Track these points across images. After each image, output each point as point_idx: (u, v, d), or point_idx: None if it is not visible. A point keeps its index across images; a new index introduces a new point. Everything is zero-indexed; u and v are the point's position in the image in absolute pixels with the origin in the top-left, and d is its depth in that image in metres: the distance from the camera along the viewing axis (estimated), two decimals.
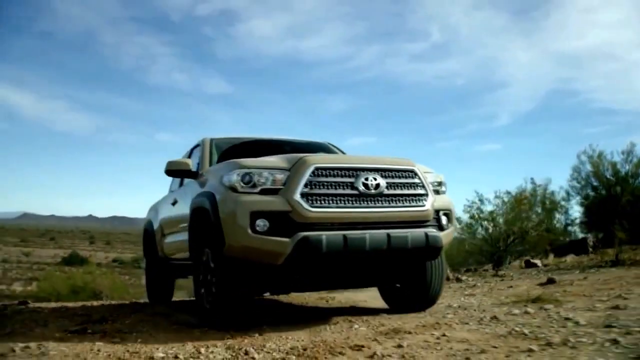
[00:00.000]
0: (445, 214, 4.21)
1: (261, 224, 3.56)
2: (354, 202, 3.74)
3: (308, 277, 4.09)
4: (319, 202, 3.65)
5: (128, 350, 3.23)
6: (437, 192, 4.24)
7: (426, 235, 3.89)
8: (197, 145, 5.73)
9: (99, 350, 3.23)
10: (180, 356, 3.09)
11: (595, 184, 14.24)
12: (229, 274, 3.78)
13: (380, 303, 5.10)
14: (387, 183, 3.87)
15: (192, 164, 5.08)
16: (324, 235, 3.57)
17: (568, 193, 14.16)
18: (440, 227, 4.13)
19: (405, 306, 4.63)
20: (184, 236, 4.86)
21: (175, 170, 5.01)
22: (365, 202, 3.78)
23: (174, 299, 7.20)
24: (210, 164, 5.06)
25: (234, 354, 3.11)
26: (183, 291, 10.91)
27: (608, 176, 13.98)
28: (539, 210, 13.11)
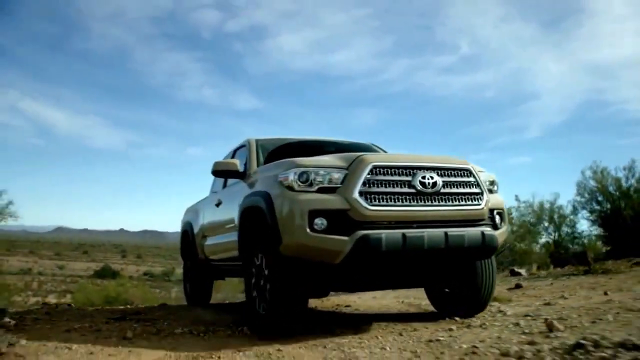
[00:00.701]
0: (498, 213, 4.21)
1: (319, 222, 3.55)
2: (412, 201, 3.74)
3: (367, 276, 4.08)
4: (377, 200, 3.64)
5: (156, 328, 4.39)
6: (490, 191, 4.21)
7: (482, 234, 3.87)
8: (241, 147, 5.70)
9: (135, 328, 4.38)
10: (194, 332, 4.20)
11: (599, 198, 14.86)
12: (286, 275, 3.77)
13: (401, 307, 5.54)
14: (443, 182, 3.86)
15: (239, 164, 5.05)
16: (384, 233, 3.55)
17: (575, 207, 14.78)
18: (495, 226, 4.12)
19: (453, 309, 4.59)
20: (229, 237, 4.91)
21: (222, 171, 5.02)
22: (423, 201, 3.77)
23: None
24: (258, 165, 5.07)
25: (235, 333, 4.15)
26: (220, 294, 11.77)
27: (612, 191, 14.58)
28: (546, 224, 13.83)
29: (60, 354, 3.45)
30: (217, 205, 5.68)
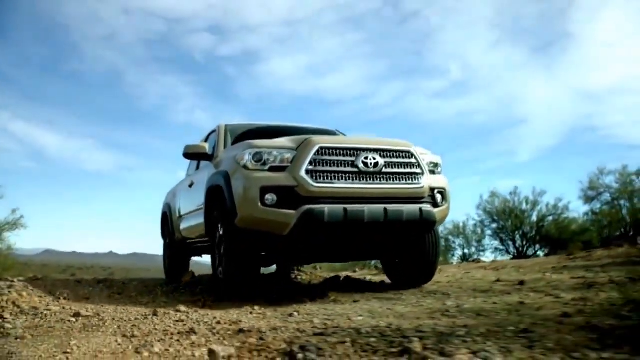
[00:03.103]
0: (440, 192, 4.48)
1: (270, 197, 3.90)
2: (355, 179, 4.03)
3: (312, 248, 4.41)
4: (322, 178, 3.95)
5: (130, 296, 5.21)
6: (433, 172, 4.53)
7: (420, 210, 4.15)
8: (213, 131, 6.02)
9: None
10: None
11: (495, 217, 15.91)
12: (240, 244, 4.15)
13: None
14: (385, 162, 4.14)
15: (208, 147, 5.41)
16: (326, 207, 3.86)
17: (476, 224, 15.59)
18: (435, 204, 4.39)
19: (405, 280, 5.02)
20: (200, 217, 5.17)
21: (192, 154, 5.36)
22: (365, 179, 4.06)
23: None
24: (225, 148, 5.36)
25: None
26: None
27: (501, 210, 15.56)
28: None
29: None
30: (190, 186, 6.06)
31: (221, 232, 4.42)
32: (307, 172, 3.94)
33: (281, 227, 3.93)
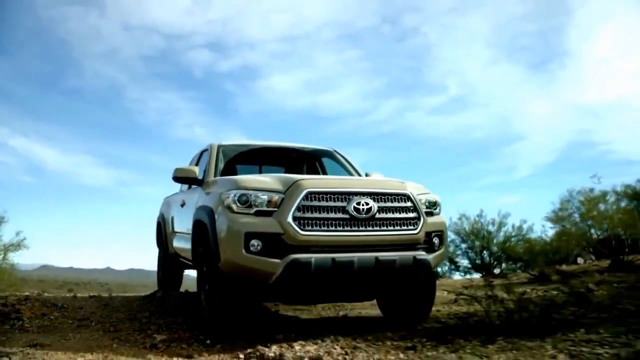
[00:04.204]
0: (437, 236, 4.21)
1: (255, 244, 3.66)
2: (345, 226, 3.77)
3: (300, 294, 4.22)
4: (310, 225, 3.70)
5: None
6: (431, 213, 4.23)
7: (414, 258, 3.89)
8: (205, 150, 5.69)
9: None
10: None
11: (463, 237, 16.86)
12: (223, 289, 3.90)
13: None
14: (378, 207, 3.87)
15: (198, 171, 5.13)
16: (313, 257, 3.62)
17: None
18: (431, 249, 4.14)
19: (399, 317, 4.71)
20: (189, 241, 4.89)
21: (182, 178, 5.11)
22: (356, 226, 3.79)
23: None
24: (216, 171, 5.13)
25: None
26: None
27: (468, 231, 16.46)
28: None
29: None
30: (182, 205, 5.77)
31: (206, 267, 4.23)
32: (295, 218, 3.69)
33: (266, 275, 3.71)
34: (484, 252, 15.66)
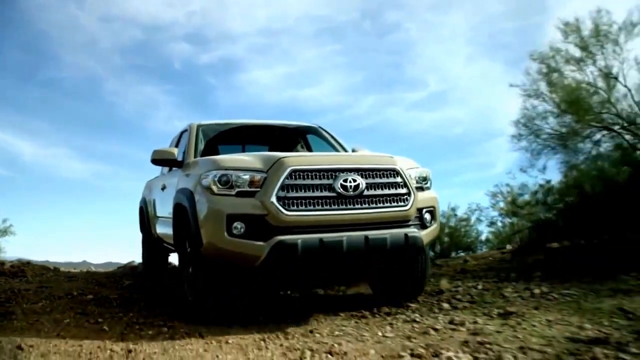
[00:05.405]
0: (429, 211, 4.08)
1: (238, 226, 3.50)
2: (332, 204, 3.60)
3: (287, 278, 4.12)
4: (295, 205, 3.52)
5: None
6: (421, 188, 4.09)
7: (406, 236, 3.76)
8: (185, 130, 5.49)
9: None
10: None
11: None
12: (207, 273, 3.75)
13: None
14: (367, 183, 3.71)
15: (177, 152, 4.97)
16: (300, 239, 3.46)
17: None
18: (423, 225, 4.00)
19: (391, 295, 4.56)
20: (171, 226, 4.75)
21: (161, 160, 4.96)
22: (344, 204, 3.63)
23: None
24: (196, 152, 4.96)
25: None
26: None
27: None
28: None
29: None
30: (162, 189, 5.63)
31: (189, 250, 4.06)
32: (279, 198, 3.50)
33: (251, 259, 3.54)
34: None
